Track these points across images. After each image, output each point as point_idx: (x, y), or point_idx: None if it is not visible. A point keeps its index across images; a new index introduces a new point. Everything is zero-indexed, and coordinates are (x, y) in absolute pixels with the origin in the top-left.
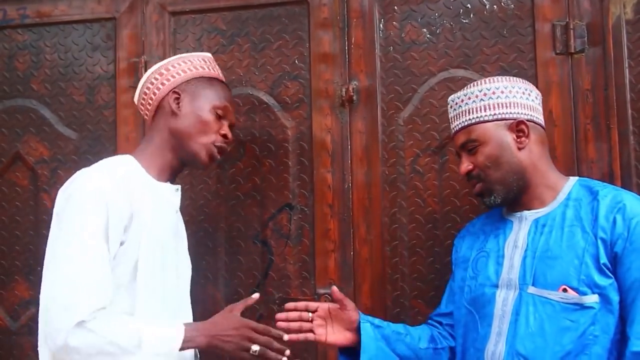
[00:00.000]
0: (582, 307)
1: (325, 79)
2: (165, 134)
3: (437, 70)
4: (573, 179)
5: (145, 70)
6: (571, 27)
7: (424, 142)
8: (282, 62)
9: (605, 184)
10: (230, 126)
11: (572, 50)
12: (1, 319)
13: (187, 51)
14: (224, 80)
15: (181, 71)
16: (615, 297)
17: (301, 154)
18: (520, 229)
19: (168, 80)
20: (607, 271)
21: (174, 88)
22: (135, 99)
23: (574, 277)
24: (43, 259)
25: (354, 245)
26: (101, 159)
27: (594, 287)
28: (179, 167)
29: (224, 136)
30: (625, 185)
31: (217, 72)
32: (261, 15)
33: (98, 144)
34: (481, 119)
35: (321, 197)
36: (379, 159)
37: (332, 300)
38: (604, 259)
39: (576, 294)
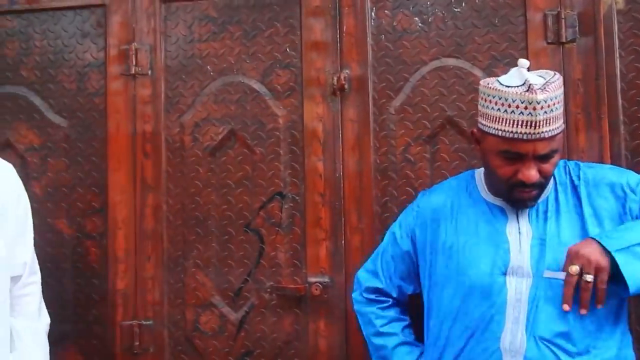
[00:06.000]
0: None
1: (316, 67)
2: None
3: (429, 59)
4: None
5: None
6: (563, 16)
7: (415, 131)
8: (273, 50)
9: (574, 162)
10: None
11: (564, 40)
12: None
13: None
14: None
15: None
16: None
17: (292, 142)
18: (520, 215)
19: None
20: None
21: None
22: None
23: None
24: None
25: (345, 234)
26: (92, 146)
27: None
28: None
29: None
30: None
31: None
32: (253, 3)
33: (88, 131)
34: (563, 126)
35: (312, 186)
36: (371, 148)
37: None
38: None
39: None
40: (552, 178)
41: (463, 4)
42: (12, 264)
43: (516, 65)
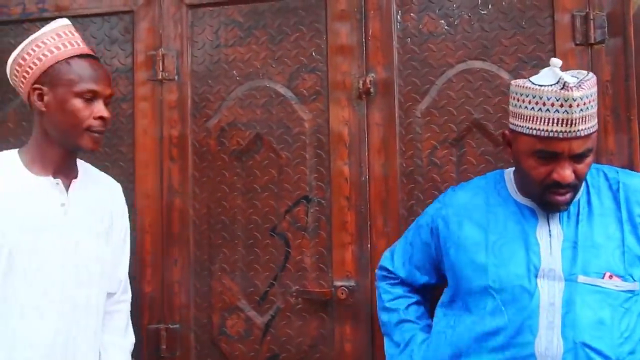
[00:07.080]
0: (633, 293)
1: (342, 71)
2: (41, 130)
3: (455, 62)
4: None
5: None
6: (591, 17)
7: (441, 135)
8: (299, 55)
9: (609, 167)
10: (107, 98)
11: (592, 41)
12: None
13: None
14: (86, 50)
15: (37, 60)
16: None
17: (318, 146)
18: (550, 217)
19: (27, 73)
20: None
21: (34, 83)
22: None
23: (619, 266)
24: None
25: (371, 238)
26: (119, 151)
27: (635, 275)
28: (66, 159)
29: (100, 118)
30: None
31: (75, 44)
32: (278, 8)
33: (116, 136)
34: (597, 126)
35: (338, 190)
36: (397, 151)
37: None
38: None
39: (623, 281)
40: (584, 181)
41: (489, 6)
42: (112, 278)
43: (544, 67)
